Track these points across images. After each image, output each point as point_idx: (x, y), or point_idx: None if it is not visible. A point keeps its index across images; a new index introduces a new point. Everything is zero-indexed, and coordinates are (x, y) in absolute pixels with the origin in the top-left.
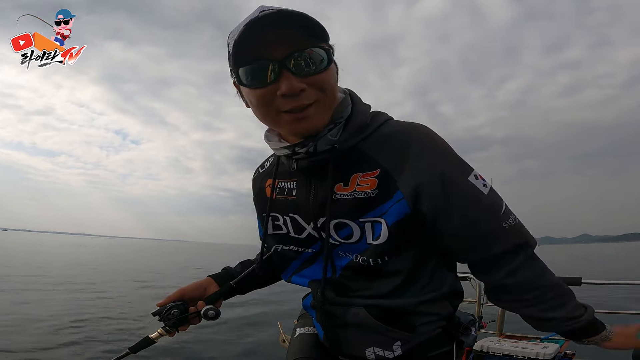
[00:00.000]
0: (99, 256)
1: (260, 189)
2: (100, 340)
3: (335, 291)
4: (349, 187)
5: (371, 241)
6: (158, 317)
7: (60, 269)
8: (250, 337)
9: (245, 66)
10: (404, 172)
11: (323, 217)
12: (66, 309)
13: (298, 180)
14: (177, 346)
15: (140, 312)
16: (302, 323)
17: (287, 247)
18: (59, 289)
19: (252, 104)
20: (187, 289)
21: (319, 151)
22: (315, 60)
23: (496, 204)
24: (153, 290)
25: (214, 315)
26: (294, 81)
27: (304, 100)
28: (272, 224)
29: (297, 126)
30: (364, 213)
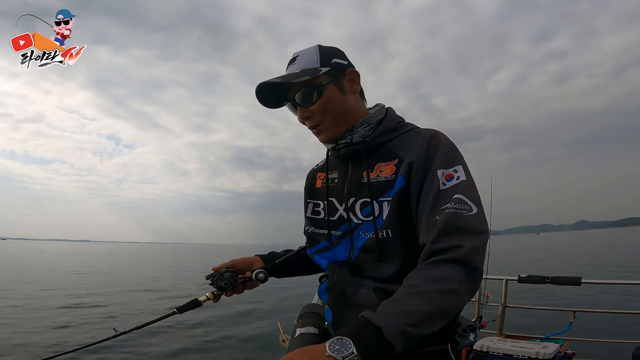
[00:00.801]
0: (119, 262)
1: (311, 180)
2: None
3: (350, 272)
4: (374, 173)
5: (384, 217)
6: (210, 281)
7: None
8: (250, 337)
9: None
10: (407, 157)
11: (353, 197)
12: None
13: (339, 171)
14: (178, 345)
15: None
16: (302, 323)
17: (317, 230)
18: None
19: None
20: (238, 261)
21: (354, 142)
22: (305, 97)
23: (440, 201)
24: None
25: (264, 278)
26: (301, 112)
27: (312, 123)
28: (312, 209)
29: (319, 137)
30: (383, 194)
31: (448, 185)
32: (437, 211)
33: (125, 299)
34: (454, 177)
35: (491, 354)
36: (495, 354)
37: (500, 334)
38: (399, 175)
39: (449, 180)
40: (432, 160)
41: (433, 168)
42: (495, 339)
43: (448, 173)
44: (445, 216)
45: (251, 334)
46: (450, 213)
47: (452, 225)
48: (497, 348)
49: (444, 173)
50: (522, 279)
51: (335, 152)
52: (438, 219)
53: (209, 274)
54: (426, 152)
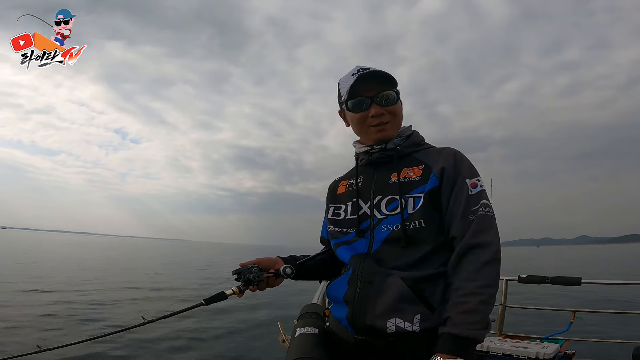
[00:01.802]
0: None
1: (333, 188)
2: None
3: (376, 263)
4: (402, 174)
5: (411, 211)
6: (236, 276)
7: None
8: (250, 337)
9: (353, 99)
10: (437, 164)
11: (379, 195)
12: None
13: (365, 176)
14: (180, 344)
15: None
16: (302, 323)
17: (337, 228)
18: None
19: (353, 122)
20: (262, 259)
21: (388, 148)
22: (389, 98)
23: (471, 204)
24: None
25: (291, 273)
26: (378, 109)
27: (383, 120)
28: (332, 211)
29: (379, 134)
30: (409, 190)
31: (474, 192)
32: (470, 212)
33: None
34: (477, 185)
35: (491, 354)
36: (495, 354)
37: (500, 334)
38: (433, 176)
39: (474, 187)
40: (459, 170)
41: (462, 177)
42: (495, 339)
43: (473, 182)
44: (478, 217)
45: (251, 334)
46: (481, 215)
47: (484, 224)
48: (497, 348)
49: (470, 182)
50: (522, 279)
51: (368, 156)
52: (471, 218)
53: (236, 269)
54: (454, 163)
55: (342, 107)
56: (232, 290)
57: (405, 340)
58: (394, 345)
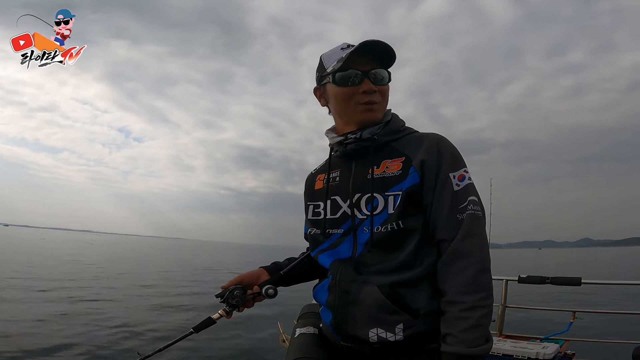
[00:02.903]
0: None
1: (311, 183)
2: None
3: (355, 269)
4: (380, 169)
5: (391, 211)
6: (220, 299)
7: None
8: (250, 337)
9: (344, 72)
10: (417, 155)
11: (358, 193)
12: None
13: (342, 169)
14: (180, 344)
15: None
16: (302, 323)
17: (319, 230)
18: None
19: (339, 97)
20: (245, 275)
21: (363, 138)
22: (383, 76)
23: (458, 201)
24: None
25: (274, 293)
26: (371, 85)
27: (373, 99)
28: (312, 211)
29: (367, 114)
30: (389, 188)
31: (461, 186)
32: (457, 210)
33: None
34: (465, 177)
35: (491, 354)
36: (495, 354)
37: (500, 334)
38: (413, 171)
39: (461, 180)
40: (442, 162)
41: (445, 170)
42: (495, 339)
43: (459, 174)
44: (467, 217)
45: (251, 333)
46: (470, 215)
47: (473, 226)
48: (497, 348)
49: (455, 175)
50: (522, 279)
51: (342, 147)
52: (459, 218)
53: (219, 293)
54: (436, 154)
55: (323, 81)
56: (219, 314)
57: (390, 348)
58: (380, 352)
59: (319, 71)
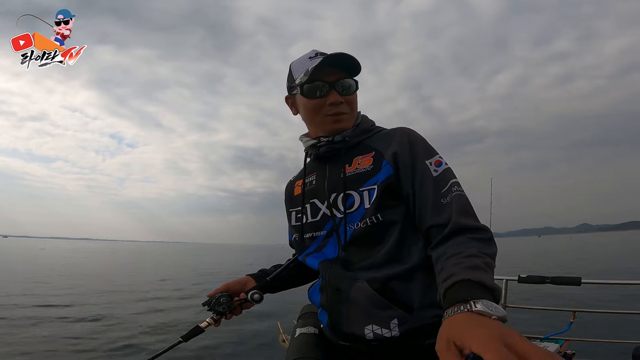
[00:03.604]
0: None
1: (290, 190)
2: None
3: (343, 267)
4: (352, 166)
5: (367, 205)
6: (207, 307)
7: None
8: (250, 337)
9: (311, 84)
10: (389, 149)
11: (334, 193)
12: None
13: (317, 173)
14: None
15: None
16: (302, 323)
17: (303, 235)
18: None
19: (307, 109)
20: (231, 284)
21: (335, 141)
22: (350, 85)
23: (440, 186)
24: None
25: (259, 298)
26: (337, 96)
27: (340, 109)
28: (294, 217)
29: (335, 125)
30: (363, 183)
31: (440, 171)
32: (441, 194)
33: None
34: (441, 162)
35: None
36: None
37: None
38: (386, 164)
39: (438, 165)
40: (416, 152)
41: (420, 159)
42: None
43: (435, 160)
44: (455, 198)
45: (250, 334)
46: (457, 195)
47: (466, 206)
48: None
49: (432, 161)
50: (522, 279)
51: (316, 150)
52: (449, 200)
53: (205, 301)
54: (408, 145)
55: (293, 91)
56: (207, 322)
57: (387, 345)
58: (377, 349)
59: (289, 81)
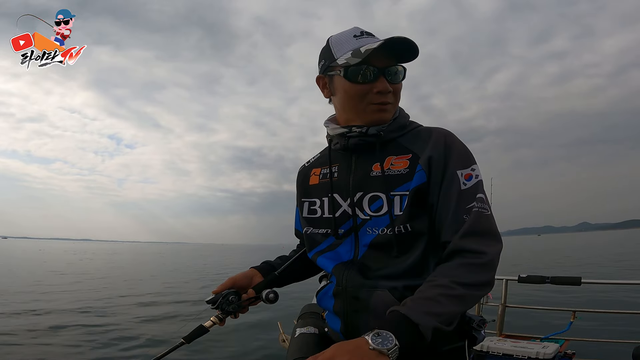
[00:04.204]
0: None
1: (304, 178)
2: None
3: (360, 273)
4: (385, 166)
5: (398, 212)
6: (211, 305)
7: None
8: (250, 337)
9: (358, 67)
10: (424, 152)
11: (360, 192)
12: None
13: (340, 164)
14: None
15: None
16: (302, 323)
17: (316, 230)
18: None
19: (350, 94)
20: (237, 278)
21: (369, 134)
22: (399, 75)
23: (465, 200)
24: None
25: (274, 298)
26: (386, 84)
27: (387, 99)
28: (307, 208)
29: (379, 115)
30: (395, 187)
31: (468, 185)
32: (464, 210)
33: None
34: (472, 176)
35: (491, 354)
36: (495, 354)
37: (500, 334)
38: (420, 170)
39: (468, 179)
40: (450, 159)
41: (452, 167)
42: (495, 339)
43: (467, 173)
44: (472, 215)
45: (251, 334)
46: (476, 212)
47: (479, 226)
48: (497, 348)
49: (463, 173)
50: (522, 279)
51: (344, 140)
52: (465, 218)
53: (210, 298)
54: (444, 151)
55: (330, 72)
56: (212, 321)
57: (403, 352)
58: None
59: (326, 59)
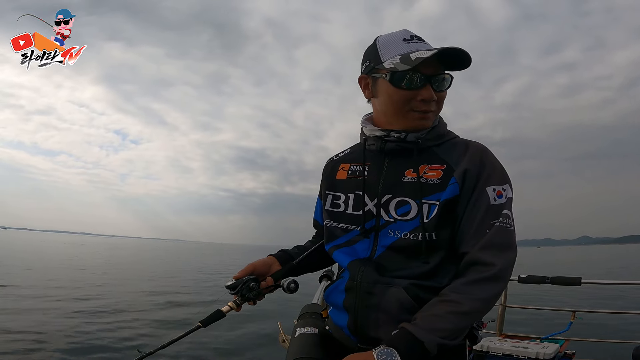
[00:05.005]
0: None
1: (331, 171)
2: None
3: (376, 270)
4: (417, 173)
5: (425, 219)
6: (230, 291)
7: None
8: (250, 338)
9: (406, 72)
10: (460, 165)
11: (388, 194)
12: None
13: (371, 164)
14: (179, 343)
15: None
16: (302, 323)
17: (337, 224)
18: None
19: (393, 99)
20: (257, 264)
21: (408, 140)
22: (445, 83)
23: (490, 216)
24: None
25: (295, 288)
26: (432, 93)
27: (430, 107)
28: (331, 201)
29: (420, 122)
30: (426, 195)
31: (498, 202)
32: (488, 224)
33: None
34: (503, 194)
35: (491, 354)
36: (495, 354)
37: (500, 334)
38: (453, 181)
39: (499, 197)
40: (484, 175)
41: (484, 183)
42: (495, 339)
43: (499, 190)
44: (494, 229)
45: (250, 334)
46: (498, 227)
47: (497, 239)
48: (497, 348)
49: (495, 189)
50: (522, 279)
51: (380, 143)
52: (487, 232)
53: (230, 284)
54: (479, 166)
55: (374, 73)
56: (229, 306)
57: None
58: None
59: (371, 59)
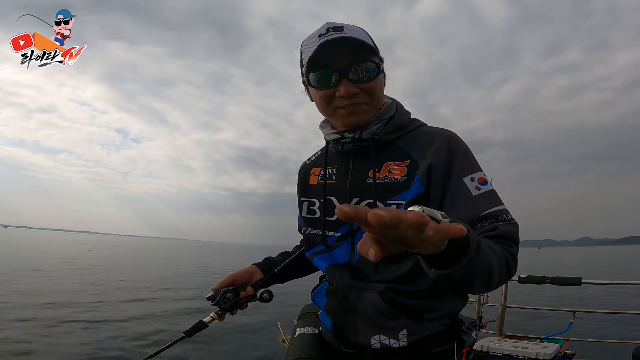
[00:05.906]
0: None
1: (304, 176)
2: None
3: (352, 275)
4: (381, 172)
5: None
6: (211, 302)
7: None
8: (249, 338)
9: (316, 72)
10: (424, 160)
11: (356, 197)
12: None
13: (338, 167)
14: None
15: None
16: (302, 323)
17: (315, 230)
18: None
19: (316, 100)
20: (237, 275)
21: (363, 138)
22: (366, 71)
23: (479, 207)
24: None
25: (269, 298)
26: (349, 87)
27: (355, 101)
28: (307, 208)
29: (348, 119)
30: (391, 196)
31: (483, 190)
32: (481, 217)
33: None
34: (486, 180)
35: (491, 354)
36: (495, 354)
37: (500, 334)
38: (417, 180)
39: (482, 183)
40: (452, 165)
41: (455, 175)
42: (495, 339)
43: (479, 176)
44: (501, 227)
45: (250, 334)
46: (505, 224)
47: (513, 233)
48: (497, 348)
49: (474, 177)
50: (522, 279)
51: (339, 145)
52: (494, 231)
53: (210, 295)
54: (445, 156)
55: (303, 77)
56: (211, 317)
57: (394, 355)
58: (384, 357)
59: (301, 64)
